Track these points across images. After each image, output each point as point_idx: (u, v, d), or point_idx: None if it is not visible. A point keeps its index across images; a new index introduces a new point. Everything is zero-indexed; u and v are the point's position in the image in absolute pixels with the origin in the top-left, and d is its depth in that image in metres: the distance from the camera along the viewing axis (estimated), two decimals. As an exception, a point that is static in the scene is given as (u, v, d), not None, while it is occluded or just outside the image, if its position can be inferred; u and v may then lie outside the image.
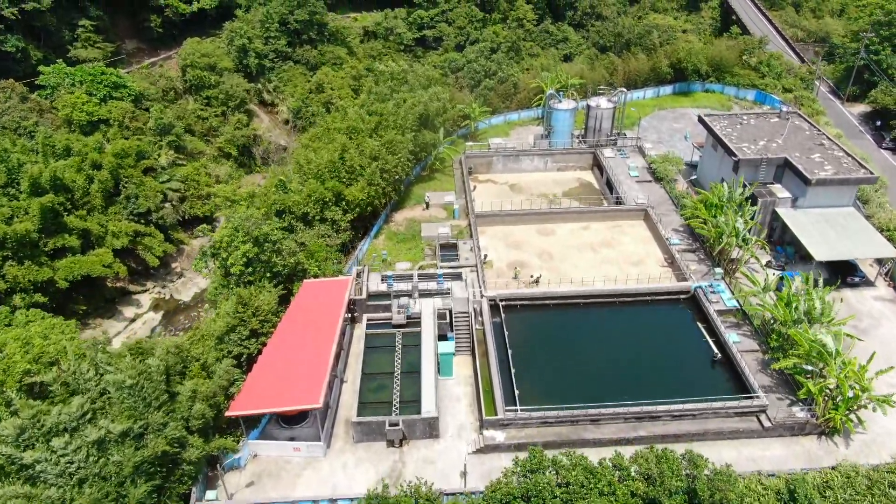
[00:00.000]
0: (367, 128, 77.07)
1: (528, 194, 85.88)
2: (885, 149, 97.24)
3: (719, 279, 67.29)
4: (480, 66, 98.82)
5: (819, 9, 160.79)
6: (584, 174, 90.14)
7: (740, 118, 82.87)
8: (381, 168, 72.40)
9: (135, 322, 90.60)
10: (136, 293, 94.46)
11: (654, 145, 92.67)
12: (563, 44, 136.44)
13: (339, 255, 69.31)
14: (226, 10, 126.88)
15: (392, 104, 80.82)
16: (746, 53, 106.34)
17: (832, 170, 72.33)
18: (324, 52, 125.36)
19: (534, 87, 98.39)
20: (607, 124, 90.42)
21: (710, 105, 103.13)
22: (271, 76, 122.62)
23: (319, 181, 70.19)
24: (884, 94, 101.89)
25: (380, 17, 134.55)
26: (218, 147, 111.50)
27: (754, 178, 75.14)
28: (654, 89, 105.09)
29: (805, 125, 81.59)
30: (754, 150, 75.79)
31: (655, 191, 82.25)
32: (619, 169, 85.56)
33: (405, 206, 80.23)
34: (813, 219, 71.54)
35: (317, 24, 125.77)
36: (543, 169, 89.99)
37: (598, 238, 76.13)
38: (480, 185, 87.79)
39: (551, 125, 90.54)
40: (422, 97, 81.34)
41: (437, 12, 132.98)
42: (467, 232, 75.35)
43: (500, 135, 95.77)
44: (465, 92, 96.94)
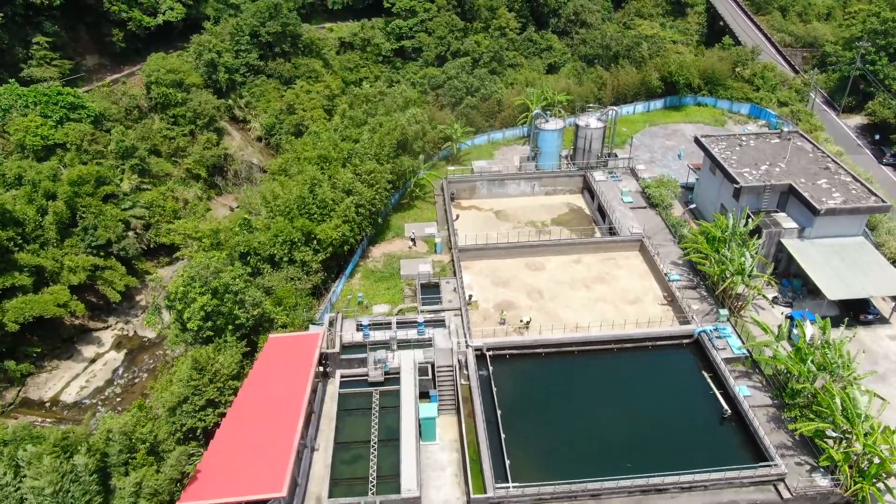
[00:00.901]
0: (340, 156, 70.14)
1: (514, 222, 79.39)
2: (887, 164, 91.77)
3: (724, 321, 61.16)
4: (462, 82, 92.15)
5: (806, 13, 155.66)
6: (573, 198, 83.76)
7: (739, 139, 76.79)
8: (356, 203, 65.54)
9: (95, 363, 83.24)
10: (96, 330, 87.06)
11: (647, 165, 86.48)
12: (548, 52, 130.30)
13: (311, 300, 62.44)
14: (194, 22, 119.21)
15: (367, 129, 73.94)
16: (739, 65, 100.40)
17: (841, 197, 66.42)
18: (298, 66, 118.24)
19: (519, 104, 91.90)
20: (597, 145, 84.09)
21: (703, 120, 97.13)
22: (242, 91, 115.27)
23: (287, 219, 63.23)
24: (882, 107, 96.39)
25: (356, 27, 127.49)
26: (186, 168, 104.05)
27: (756, 205, 69.13)
28: (644, 104, 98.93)
29: (808, 146, 75.67)
30: (756, 176, 69.73)
31: (650, 218, 76.04)
32: (611, 193, 79.25)
33: (383, 238, 73.45)
34: (821, 250, 65.63)
35: (290, 36, 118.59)
36: (531, 193, 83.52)
37: (592, 273, 69.77)
38: (464, 212, 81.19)
39: (538, 146, 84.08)
40: (399, 120, 74.51)
41: (415, 22, 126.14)
42: (450, 269, 68.75)
43: (484, 156, 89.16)
44: (445, 111, 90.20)
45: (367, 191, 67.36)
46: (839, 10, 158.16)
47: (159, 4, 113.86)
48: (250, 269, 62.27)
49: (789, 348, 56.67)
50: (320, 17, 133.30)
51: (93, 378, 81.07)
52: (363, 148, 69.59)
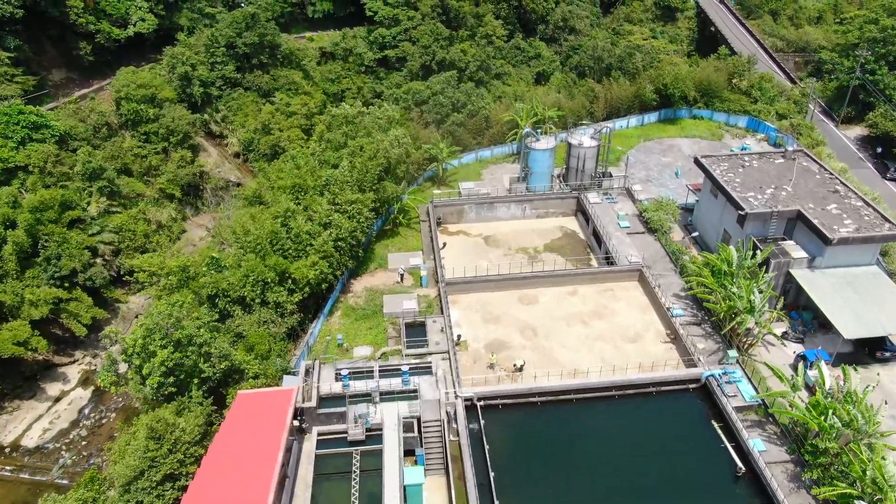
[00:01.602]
0: (317, 184, 64.43)
1: (505, 248, 74.00)
2: (891, 180, 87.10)
3: (733, 363, 56.07)
4: (447, 97, 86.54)
5: (797, 16, 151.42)
6: (566, 221, 78.46)
7: (742, 160, 71.73)
8: (334, 237, 59.92)
9: (60, 402, 77.25)
10: (62, 366, 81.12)
11: (643, 185, 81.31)
12: (536, 60, 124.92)
13: (285, 345, 56.81)
14: (167, 33, 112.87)
15: (347, 153, 68.21)
16: (736, 76, 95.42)
17: (853, 225, 61.48)
18: (277, 77, 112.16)
19: (507, 120, 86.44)
20: (591, 164, 78.83)
21: (700, 134, 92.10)
22: (219, 105, 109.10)
23: (259, 257, 57.52)
24: (884, 119, 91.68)
25: (337, 36, 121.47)
26: (159, 188, 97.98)
27: (762, 232, 64.13)
28: (638, 117, 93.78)
29: (814, 166, 70.74)
30: (762, 201, 64.70)
31: (649, 244, 70.88)
32: (607, 217, 74.00)
33: (365, 270, 67.87)
34: (833, 282, 60.68)
35: (268, 47, 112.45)
36: (521, 216, 78.16)
37: (588, 306, 64.53)
38: (451, 237, 75.70)
39: (528, 166, 78.71)
40: (381, 142, 68.85)
41: (399, 31, 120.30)
42: (437, 304, 63.29)
43: (472, 176, 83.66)
44: (430, 129, 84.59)
45: (348, 223, 61.74)
46: (830, 14, 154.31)
47: (129, 15, 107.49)
48: (218, 313, 56.51)
49: (806, 396, 51.73)
50: (300, 26, 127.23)
51: (57, 419, 75.09)
52: (342, 175, 63.89)
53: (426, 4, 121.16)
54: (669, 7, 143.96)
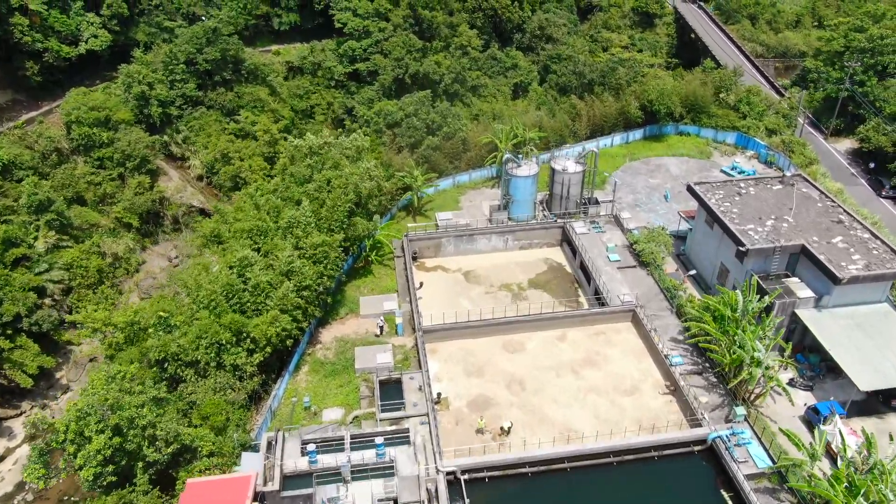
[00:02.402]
0: (280, 226, 57.60)
1: (486, 285, 67.80)
2: (886, 197, 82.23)
3: (741, 420, 50.40)
4: (421, 119, 79.95)
5: (775, 21, 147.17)
6: (552, 253, 72.42)
7: (738, 186, 66.16)
8: (298, 286, 53.24)
9: (3, 462, 69.70)
10: (6, 419, 73.41)
11: (631, 210, 75.53)
12: (513, 71, 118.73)
13: (245, 413, 50.09)
14: (122, 49, 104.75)
15: (313, 187, 61.39)
16: (723, 90, 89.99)
17: (862, 260, 56.16)
18: (241, 94, 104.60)
19: (486, 142, 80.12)
20: (576, 190, 72.89)
21: (688, 151, 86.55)
22: (180, 126, 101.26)
23: (214, 314, 50.69)
24: (876, 132, 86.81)
25: (305, 49, 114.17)
26: (115, 217, 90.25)
27: (763, 268, 58.65)
28: (622, 135, 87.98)
29: (814, 193, 65.38)
30: (763, 234, 59.14)
31: (641, 279, 65.09)
32: (595, 249, 68.06)
33: (335, 317, 61.27)
34: (842, 323, 55.35)
35: (232, 62, 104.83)
36: (503, 248, 71.99)
37: (579, 353, 58.54)
38: (428, 274, 69.34)
39: (510, 194, 72.55)
40: (350, 176, 62.17)
41: (370, 43, 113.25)
42: (414, 356, 56.92)
43: (449, 204, 77.23)
44: (404, 154, 78.02)
45: (313, 268, 55.07)
46: (808, 17, 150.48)
47: (80, 32, 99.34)
48: (168, 379, 49.65)
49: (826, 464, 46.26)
50: (266, 38, 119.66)
51: (0, 482, 67.60)
52: (304, 217, 57.11)
53: (398, 15, 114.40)
54: (647, 13, 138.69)
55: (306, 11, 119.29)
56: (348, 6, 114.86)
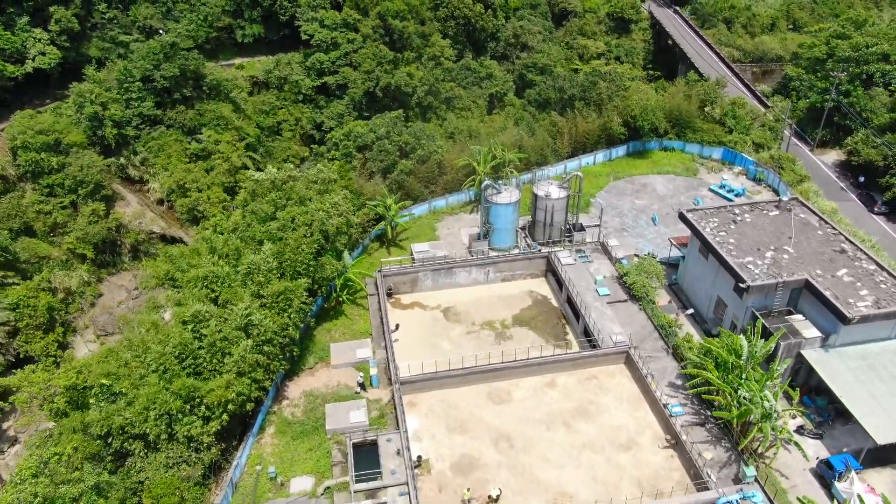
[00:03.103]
0: (240, 271, 51.47)
1: (468, 323, 62.32)
2: (878, 214, 78.28)
3: (751, 482, 45.57)
4: (393, 142, 74.08)
5: (751, 24, 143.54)
6: (536, 284, 67.16)
7: (732, 213, 61.41)
8: (259, 341, 47.26)
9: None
10: (-53, 478, 66.47)
11: (618, 236, 70.53)
12: (488, 81, 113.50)
13: (202, 490, 44.08)
14: (74, 67, 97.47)
15: (276, 226, 55.33)
16: (708, 104, 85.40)
17: (870, 296, 51.69)
18: (203, 112, 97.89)
19: (463, 165, 74.53)
20: (560, 217, 67.73)
21: (673, 169, 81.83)
22: (137, 147, 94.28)
23: (164, 380, 44.56)
24: (865, 145, 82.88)
25: (271, 63, 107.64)
26: (68, 248, 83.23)
27: (764, 303, 53.96)
28: (605, 152, 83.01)
29: (813, 219, 60.84)
30: (763, 268, 54.43)
31: (633, 315, 60.08)
32: (582, 282, 62.90)
33: (303, 367, 55.34)
34: (852, 364, 50.81)
35: (192, 79, 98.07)
36: (484, 281, 66.56)
37: (571, 401, 53.31)
38: (404, 312, 63.68)
39: (490, 222, 67.15)
40: (316, 212, 56.19)
41: (339, 55, 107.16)
42: (391, 412, 51.27)
43: (425, 232, 71.57)
44: (376, 180, 72.15)
45: (276, 319, 49.12)
46: (783, 21, 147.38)
47: (27, 49, 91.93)
48: (114, 454, 43.46)
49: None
50: (229, 51, 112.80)
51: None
52: (266, 263, 51.08)
53: (367, 25, 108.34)
54: (623, 19, 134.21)
55: (271, 23, 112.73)
56: (315, 17, 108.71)
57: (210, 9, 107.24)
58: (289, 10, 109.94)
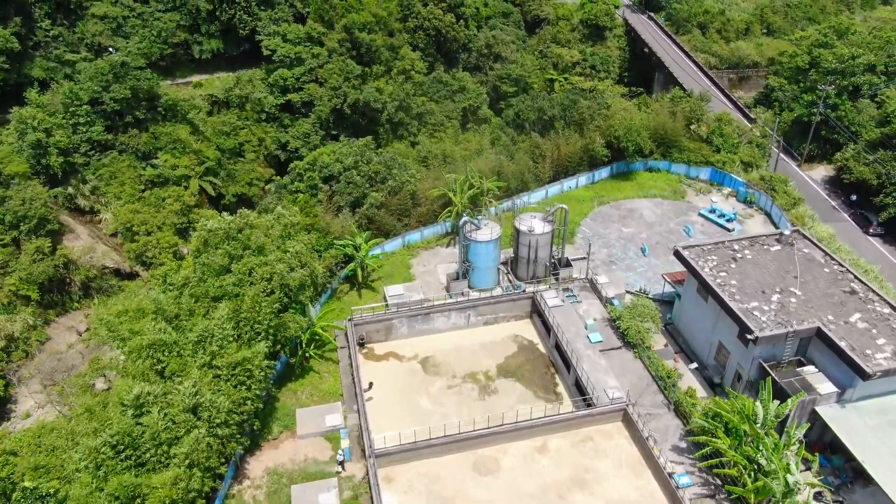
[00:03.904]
0: (189, 340, 44.60)
1: (448, 376, 56.10)
2: (874, 235, 73.73)
3: (773, 569, 40.21)
4: (362, 173, 67.45)
5: (725, 29, 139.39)
6: (521, 328, 61.16)
7: (731, 250, 55.98)
8: (212, 424, 40.54)
9: None
10: None
11: (606, 268, 64.91)
12: (461, 94, 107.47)
13: None
14: (14, 89, 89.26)
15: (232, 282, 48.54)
16: (694, 122, 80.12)
17: (889, 345, 46.60)
18: (158, 135, 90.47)
19: (437, 195, 68.19)
20: (544, 252, 61.84)
21: (660, 191, 76.42)
22: (87, 174, 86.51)
23: (98, 478, 37.67)
24: (857, 162, 78.34)
25: (231, 80, 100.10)
26: (10, 290, 75.39)
27: (771, 353, 48.66)
28: (588, 174, 77.29)
29: (817, 254, 55.64)
30: (770, 314, 49.07)
31: (629, 364, 54.39)
32: (572, 326, 57.00)
33: (266, 437, 48.69)
34: (871, 422, 45.73)
35: (145, 100, 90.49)
36: (465, 325, 60.41)
37: (564, 469, 47.43)
38: (378, 364, 57.25)
39: (469, 261, 61.02)
40: (277, 264, 49.51)
41: (303, 71, 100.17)
42: (366, 492, 44.90)
43: (399, 270, 65.14)
44: (344, 214, 65.53)
45: (233, 394, 42.44)
46: (757, 25, 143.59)
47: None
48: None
49: None
50: (186, 68, 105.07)
51: None
52: (221, 330, 44.36)
53: (333, 39, 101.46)
54: (597, 26, 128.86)
55: (230, 37, 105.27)
56: (277, 31, 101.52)
57: (164, 24, 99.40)
58: (249, 24, 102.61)
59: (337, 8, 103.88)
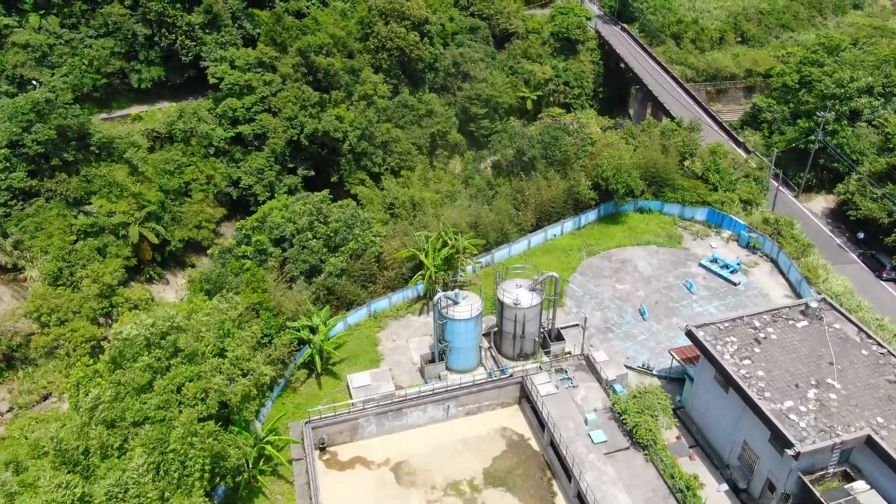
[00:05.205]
0: (95, 500, 33.85)
1: (426, 487, 46.16)
2: (888, 280, 65.69)
3: None
4: (319, 234, 56.90)
5: (699, 39, 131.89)
6: (509, 418, 51.43)
7: (752, 327, 46.93)
8: None
9: None
10: None
11: (602, 336, 55.64)
12: (428, 118, 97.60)
13: None
14: (-80, 133, 76.59)
15: (153, 406, 37.87)
16: (688, 157, 71.14)
17: (954, 456, 38.04)
18: (92, 178, 79.01)
19: (406, 255, 58.04)
20: (533, 327, 52.24)
21: (653, 236, 67.29)
22: (8, 227, 74.74)
23: None
24: (863, 197, 70.28)
25: (175, 111, 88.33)
26: (-86, 369, 63.51)
27: (812, 462, 39.83)
28: (574, 219, 67.82)
29: (849, 329, 46.78)
30: (809, 418, 40.16)
31: (639, 470, 44.96)
32: (569, 420, 47.48)
33: None
34: (937, 552, 37.21)
35: (75, 139, 78.77)
36: (444, 418, 50.54)
37: None
38: (343, 474, 47.05)
39: (446, 341, 51.14)
40: (211, 378, 39.05)
41: (254, 100, 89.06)
42: None
43: (365, 349, 54.84)
44: (299, 284, 55.08)
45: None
46: (731, 34, 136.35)
47: None
48: None
49: None
50: (124, 98, 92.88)
51: None
52: (135, 482, 33.85)
53: (286, 64, 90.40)
54: (569, 39, 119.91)
55: (173, 64, 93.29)
56: (224, 56, 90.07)
57: (96, 51, 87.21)
58: (192, 50, 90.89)
59: (291, 30, 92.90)
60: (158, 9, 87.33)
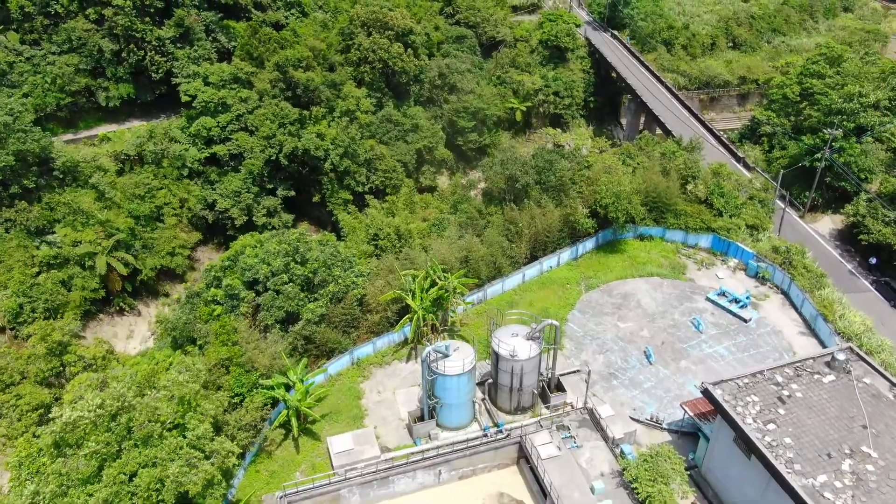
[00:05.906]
0: None
1: (416, 569, 41.00)
2: (903, 310, 61.15)
3: None
4: (297, 279, 51.33)
5: (691, 45, 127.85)
6: (506, 480, 46.23)
7: (775, 384, 41.95)
8: None
9: None
10: None
11: (606, 383, 50.59)
12: (414, 133, 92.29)
13: None
14: None
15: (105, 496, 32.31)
16: (690, 181, 66.14)
17: None
18: (55, 205, 73.19)
19: (390, 298, 52.62)
20: (531, 379, 47.08)
21: (656, 267, 62.21)
22: (-37, 263, 68.59)
23: None
24: (874, 220, 65.68)
25: (144, 132, 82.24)
26: None
27: (849, 542, 34.96)
28: (570, 249, 62.65)
29: (880, 383, 42.07)
30: (846, 496, 35.31)
31: (653, 546, 40.05)
32: (574, 487, 42.32)
33: None
34: None
35: (35, 164, 72.74)
36: (435, 483, 45.26)
37: None
38: (324, 554, 41.74)
39: (437, 397, 45.84)
40: (168, 465, 33.54)
41: (230, 118, 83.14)
42: None
43: (347, 402, 49.38)
44: (273, 334, 49.56)
45: None
46: (723, 39, 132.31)
47: None
48: None
49: None
50: (91, 118, 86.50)
51: None
52: None
53: (263, 79, 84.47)
54: (559, 47, 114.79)
55: (142, 80, 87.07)
56: (197, 72, 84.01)
57: (59, 69, 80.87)
58: (163, 66, 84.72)
59: (268, 42, 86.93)
60: (125, 23, 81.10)
